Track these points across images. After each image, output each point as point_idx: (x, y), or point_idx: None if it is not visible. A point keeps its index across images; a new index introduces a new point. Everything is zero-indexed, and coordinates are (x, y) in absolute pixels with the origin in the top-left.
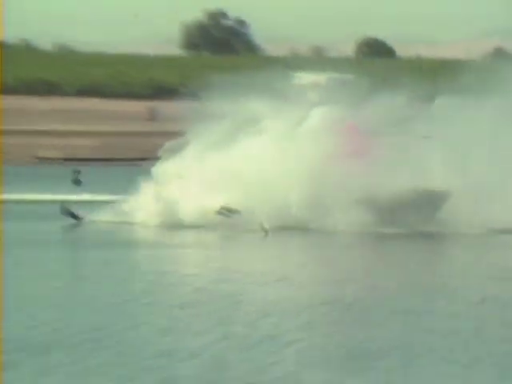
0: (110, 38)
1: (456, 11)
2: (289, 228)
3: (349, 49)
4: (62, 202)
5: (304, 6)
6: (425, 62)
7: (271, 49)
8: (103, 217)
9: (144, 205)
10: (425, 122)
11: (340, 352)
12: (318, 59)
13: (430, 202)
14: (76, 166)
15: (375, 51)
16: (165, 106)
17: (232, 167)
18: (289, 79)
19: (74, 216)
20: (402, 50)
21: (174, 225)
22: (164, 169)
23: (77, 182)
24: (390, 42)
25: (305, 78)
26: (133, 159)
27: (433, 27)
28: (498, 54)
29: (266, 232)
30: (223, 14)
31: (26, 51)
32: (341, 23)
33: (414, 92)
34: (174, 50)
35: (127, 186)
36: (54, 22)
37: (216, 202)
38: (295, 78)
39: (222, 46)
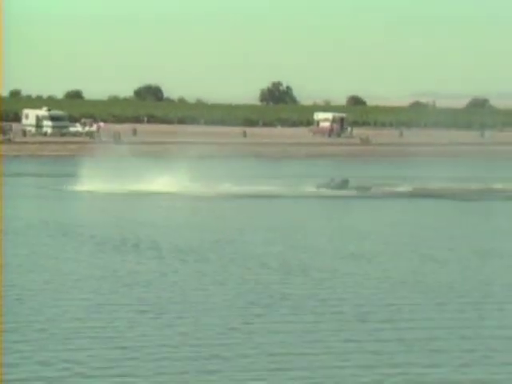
0: (212, 95)
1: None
2: None
3: (343, 101)
4: None
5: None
6: (382, 108)
7: (303, 100)
8: None
9: None
10: None
11: None
12: (327, 106)
13: None
14: None
15: (356, 102)
16: (250, 130)
17: None
18: (313, 115)
19: None
20: (369, 101)
21: None
22: None
23: None
24: (363, 96)
25: (321, 115)
26: None
27: (384, 88)
28: (417, 104)
29: None
30: (280, 83)
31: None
32: (337, 83)
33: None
34: (255, 101)
35: None
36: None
37: None
38: (316, 115)
39: (280, 99)
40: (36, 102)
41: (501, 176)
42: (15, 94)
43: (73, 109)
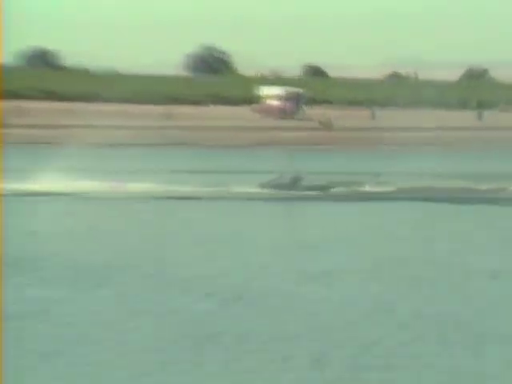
0: (125, 63)
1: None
2: None
3: (297, 71)
4: None
5: (267, 39)
6: (349, 81)
7: (244, 71)
8: None
9: None
10: None
11: None
12: (276, 78)
13: None
14: None
15: (315, 73)
16: (175, 109)
17: None
18: (259, 91)
19: None
20: (332, 72)
21: None
22: None
23: None
24: (323, 65)
25: (268, 90)
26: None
27: (350, 57)
28: (394, 75)
29: None
30: (213, 47)
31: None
32: (290, 53)
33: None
34: (179, 72)
35: None
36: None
37: None
38: (262, 90)
39: (213, 69)
40: None
41: (500, 171)
42: None
43: None
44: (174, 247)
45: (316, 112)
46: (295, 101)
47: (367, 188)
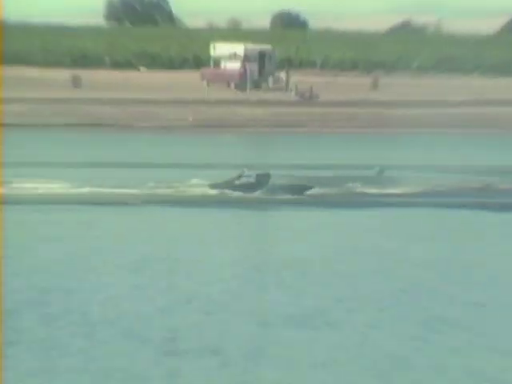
0: (35, 9)
1: None
2: None
3: (264, 21)
4: None
5: None
6: (335, 34)
7: (190, 21)
8: None
9: None
10: None
11: None
12: (234, 31)
13: None
14: None
15: (289, 24)
16: (88, 74)
17: None
18: (208, 49)
19: None
20: (315, 23)
21: None
22: None
23: None
24: (302, 12)
25: (223, 47)
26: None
27: (343, 2)
28: (406, 27)
29: None
30: None
31: None
32: None
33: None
34: (98, 21)
35: None
36: None
37: None
38: (214, 49)
39: (143, 19)
40: None
41: None
42: None
43: None
44: (95, 271)
45: (293, 79)
46: (262, 63)
47: (365, 189)
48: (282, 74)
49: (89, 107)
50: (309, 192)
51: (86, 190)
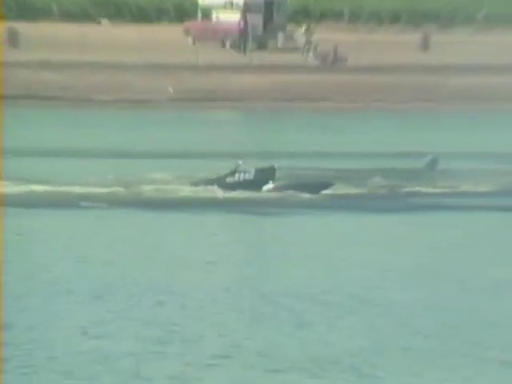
0: None
1: None
2: None
3: None
4: None
5: None
6: None
7: None
8: None
9: None
10: None
11: None
12: None
13: None
14: None
15: None
16: (29, 28)
17: None
18: None
19: None
20: None
21: None
22: None
23: None
24: None
25: None
26: None
27: None
28: None
29: None
30: None
31: None
32: None
33: None
34: None
35: None
36: None
37: None
38: None
39: None
40: None
41: None
42: None
43: None
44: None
45: (313, 38)
46: (269, 14)
47: (411, 186)
48: (297, 29)
49: (29, 73)
50: (327, 191)
51: (20, 188)
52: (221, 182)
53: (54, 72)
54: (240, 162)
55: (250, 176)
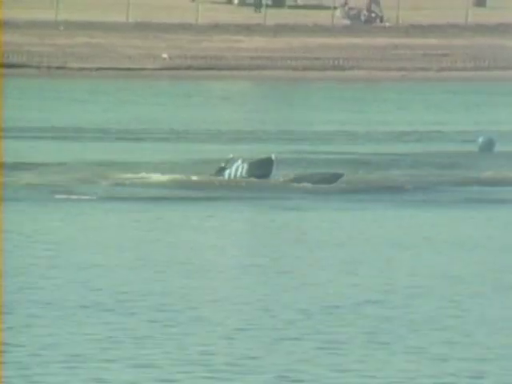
0: None
1: None
2: None
3: None
4: None
5: None
6: None
7: None
8: None
9: None
10: None
11: None
12: None
13: None
14: None
15: None
16: None
17: None
18: None
19: None
20: None
21: None
22: None
23: None
24: None
25: None
26: None
27: None
28: None
29: None
30: None
31: None
32: None
33: None
34: None
35: None
36: None
37: None
38: None
39: None
40: None
41: None
42: None
43: None
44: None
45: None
46: None
47: (464, 172)
48: None
49: None
50: (337, 184)
51: None
52: (205, 181)
53: (20, 33)
54: (231, 155)
55: (242, 172)
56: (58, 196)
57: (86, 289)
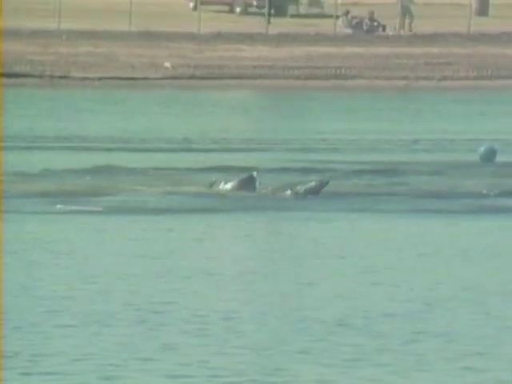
0: None
1: None
2: None
3: None
4: None
5: None
6: None
7: None
8: None
9: None
10: None
11: None
12: None
13: None
14: None
15: None
16: None
17: None
18: None
19: None
20: None
21: None
22: None
23: None
24: None
25: None
26: None
27: None
28: None
29: None
30: None
31: None
32: None
33: None
34: None
35: None
36: None
37: None
38: None
39: None
40: None
41: None
42: None
43: None
44: None
45: None
46: None
47: (464, 183)
48: None
49: None
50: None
51: None
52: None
53: (23, 42)
54: (213, 179)
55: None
56: (62, 206)
57: (119, 300)
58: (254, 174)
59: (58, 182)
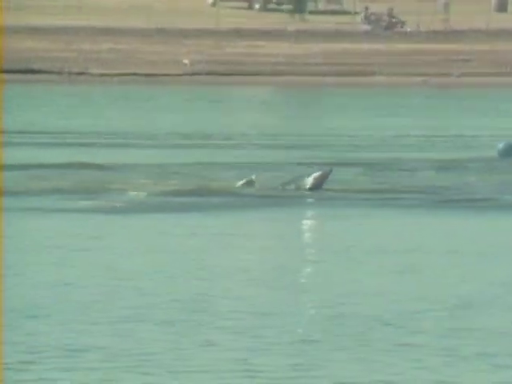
0: None
1: None
2: None
3: None
4: None
5: None
6: None
7: None
8: None
9: None
10: None
11: None
12: None
13: None
14: None
15: None
16: None
17: None
18: None
19: None
20: None
21: None
22: None
23: None
24: None
25: None
26: None
27: None
28: None
29: None
30: None
31: None
32: None
33: None
34: None
35: None
36: None
37: None
38: None
39: None
40: None
41: None
42: None
43: None
44: None
45: None
46: None
47: (482, 179)
48: None
49: (13, 41)
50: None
51: None
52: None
53: (44, 40)
54: (253, 176)
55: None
56: (81, 203)
57: (157, 297)
58: (253, 177)
59: (75, 178)
